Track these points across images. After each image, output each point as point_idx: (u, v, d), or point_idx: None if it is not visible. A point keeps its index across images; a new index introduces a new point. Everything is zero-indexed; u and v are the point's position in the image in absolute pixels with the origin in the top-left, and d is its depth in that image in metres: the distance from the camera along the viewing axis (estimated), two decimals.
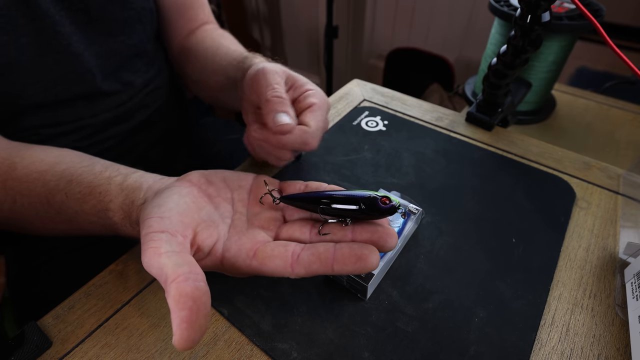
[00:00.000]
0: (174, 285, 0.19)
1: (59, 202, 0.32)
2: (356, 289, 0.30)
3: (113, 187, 0.30)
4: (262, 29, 1.88)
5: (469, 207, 0.37)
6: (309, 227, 0.28)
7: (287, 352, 0.27)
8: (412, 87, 1.45)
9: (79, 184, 0.31)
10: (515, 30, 0.39)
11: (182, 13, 0.53)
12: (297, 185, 0.31)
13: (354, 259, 0.23)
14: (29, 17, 0.36)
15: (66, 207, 0.32)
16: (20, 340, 0.27)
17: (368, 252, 0.23)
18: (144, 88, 0.50)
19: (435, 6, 1.35)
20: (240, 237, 0.27)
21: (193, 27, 0.55)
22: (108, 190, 0.30)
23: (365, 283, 0.28)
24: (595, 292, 0.31)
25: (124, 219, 0.29)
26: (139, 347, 0.28)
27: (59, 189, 0.32)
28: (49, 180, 0.32)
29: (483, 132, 0.47)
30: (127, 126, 0.49)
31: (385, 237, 0.25)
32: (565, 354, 0.27)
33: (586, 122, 0.64)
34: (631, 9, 0.95)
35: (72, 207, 0.31)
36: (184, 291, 0.19)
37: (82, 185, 0.31)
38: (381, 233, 0.25)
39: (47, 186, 0.32)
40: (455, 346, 0.27)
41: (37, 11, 0.37)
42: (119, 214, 0.29)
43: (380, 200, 0.25)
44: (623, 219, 0.37)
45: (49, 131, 0.43)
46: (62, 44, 0.39)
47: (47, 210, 0.32)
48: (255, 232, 0.28)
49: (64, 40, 0.39)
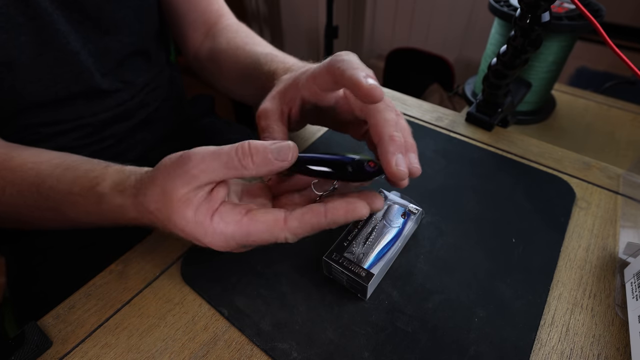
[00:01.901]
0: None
1: (48, 188, 0.32)
2: (356, 289, 0.30)
3: (109, 170, 0.30)
4: (262, 29, 1.88)
5: (469, 207, 0.37)
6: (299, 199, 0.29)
7: (287, 352, 0.27)
8: (412, 87, 1.45)
9: (75, 170, 0.31)
10: (515, 31, 0.39)
11: (195, 6, 0.52)
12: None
13: (345, 206, 0.25)
14: (28, 16, 0.36)
15: (54, 193, 0.31)
16: (20, 340, 0.27)
17: (359, 203, 0.25)
18: (144, 87, 0.50)
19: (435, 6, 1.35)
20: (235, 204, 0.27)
21: (209, 22, 0.53)
22: (104, 173, 0.30)
23: (365, 283, 0.28)
24: (595, 292, 0.31)
25: (114, 188, 0.29)
26: (139, 347, 0.28)
27: (52, 176, 0.32)
28: (44, 169, 0.32)
29: (483, 132, 0.47)
30: (127, 125, 0.49)
31: (372, 197, 0.26)
32: (565, 353, 0.27)
33: (586, 122, 0.64)
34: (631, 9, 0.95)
35: (61, 190, 0.31)
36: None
37: (78, 171, 0.31)
38: (368, 194, 0.26)
39: (40, 175, 0.32)
40: (455, 346, 0.27)
41: (36, 9, 0.37)
42: (109, 185, 0.29)
43: (367, 164, 0.27)
44: (623, 219, 0.37)
45: (48, 130, 0.43)
46: (61, 43, 0.39)
47: (35, 198, 0.32)
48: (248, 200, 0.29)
49: (63, 39, 0.39)
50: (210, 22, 0.53)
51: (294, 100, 0.33)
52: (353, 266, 0.29)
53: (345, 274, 0.29)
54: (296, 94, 0.32)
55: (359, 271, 0.29)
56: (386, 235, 0.31)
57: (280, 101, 0.33)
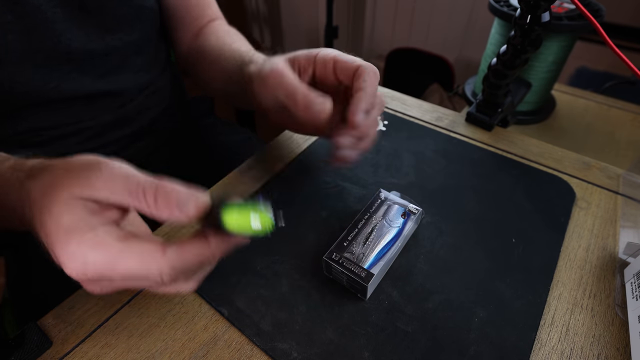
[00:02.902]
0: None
1: None
2: (356, 289, 0.30)
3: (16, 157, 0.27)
4: (262, 29, 1.88)
5: (469, 207, 0.37)
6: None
7: (287, 352, 0.27)
8: (412, 87, 1.45)
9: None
10: (515, 31, 0.39)
11: (189, 10, 0.53)
12: None
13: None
14: (16, 14, 0.36)
15: None
16: (20, 340, 0.27)
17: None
18: (145, 89, 0.50)
19: (435, 6, 1.35)
20: None
21: (201, 25, 0.54)
22: (9, 158, 0.27)
23: (365, 283, 0.28)
24: (595, 292, 0.31)
25: (11, 167, 0.26)
26: (139, 347, 0.28)
27: None
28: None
29: (483, 132, 0.47)
30: (129, 130, 0.48)
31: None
32: (565, 353, 0.27)
33: (586, 122, 0.64)
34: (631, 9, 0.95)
35: None
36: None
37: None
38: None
39: None
40: (455, 346, 0.27)
41: (25, 8, 0.36)
42: (9, 164, 0.26)
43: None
44: (623, 219, 0.37)
45: (50, 133, 0.43)
46: (54, 41, 0.39)
47: None
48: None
49: (58, 37, 0.39)
50: (202, 24, 0.54)
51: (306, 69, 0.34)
52: (353, 266, 0.29)
53: (345, 274, 0.29)
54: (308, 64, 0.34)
55: (359, 271, 0.29)
56: (386, 235, 0.31)
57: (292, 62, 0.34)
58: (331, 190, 0.39)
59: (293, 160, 0.43)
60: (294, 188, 0.39)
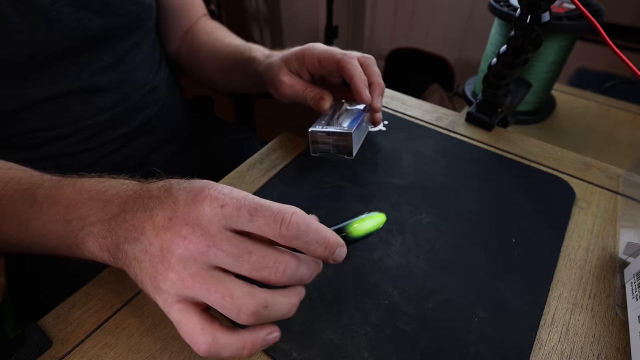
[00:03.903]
0: None
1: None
2: (342, 149, 0.38)
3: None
4: (262, 29, 1.88)
5: (469, 207, 0.37)
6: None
7: (287, 352, 0.27)
8: (412, 87, 1.45)
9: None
10: (515, 31, 0.39)
11: (185, 11, 0.56)
12: None
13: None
14: (22, 14, 0.36)
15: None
16: (20, 340, 0.27)
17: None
18: (142, 87, 0.50)
19: (435, 6, 1.35)
20: None
21: (191, 23, 0.57)
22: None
23: (350, 132, 0.37)
24: (595, 292, 0.31)
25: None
26: (139, 347, 0.28)
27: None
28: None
29: (483, 132, 0.47)
30: (126, 129, 0.48)
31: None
32: (565, 353, 0.27)
33: (586, 122, 0.64)
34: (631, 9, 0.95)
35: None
36: None
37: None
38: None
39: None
40: (455, 346, 0.27)
41: (32, 7, 0.36)
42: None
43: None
44: (623, 219, 0.37)
45: (47, 134, 0.42)
46: (57, 41, 0.39)
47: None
48: None
49: (60, 36, 0.39)
50: (192, 22, 0.57)
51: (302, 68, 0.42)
52: (335, 128, 0.38)
53: (330, 135, 0.38)
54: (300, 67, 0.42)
55: (341, 129, 0.38)
56: (353, 112, 0.41)
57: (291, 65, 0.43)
58: (330, 189, 0.39)
59: (293, 160, 0.43)
60: (293, 188, 0.39)
